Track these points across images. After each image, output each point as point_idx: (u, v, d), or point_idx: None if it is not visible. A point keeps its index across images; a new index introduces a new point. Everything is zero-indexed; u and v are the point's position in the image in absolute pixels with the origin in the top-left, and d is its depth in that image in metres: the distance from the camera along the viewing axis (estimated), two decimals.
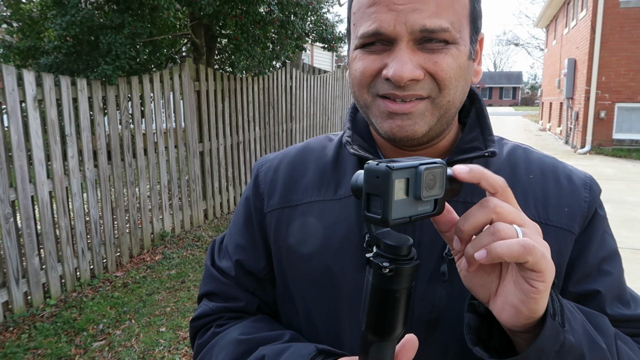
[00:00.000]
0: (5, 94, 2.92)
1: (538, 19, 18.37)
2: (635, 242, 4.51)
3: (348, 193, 0.66)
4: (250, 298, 0.73)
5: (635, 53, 10.46)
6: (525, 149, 0.72)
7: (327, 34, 6.75)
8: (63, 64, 4.62)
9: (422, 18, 0.55)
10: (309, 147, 0.75)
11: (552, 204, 0.65)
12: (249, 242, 0.73)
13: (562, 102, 13.78)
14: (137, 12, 4.66)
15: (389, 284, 0.45)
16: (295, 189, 0.70)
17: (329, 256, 0.65)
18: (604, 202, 0.70)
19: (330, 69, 19.84)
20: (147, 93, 4.18)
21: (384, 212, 0.42)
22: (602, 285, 0.64)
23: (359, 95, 0.62)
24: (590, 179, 0.69)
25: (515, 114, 31.93)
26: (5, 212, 2.95)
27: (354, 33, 0.61)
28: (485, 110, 0.68)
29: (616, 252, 0.69)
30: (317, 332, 0.67)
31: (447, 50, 0.57)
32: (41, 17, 4.90)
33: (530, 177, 0.67)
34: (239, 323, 0.71)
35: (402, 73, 0.55)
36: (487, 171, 0.47)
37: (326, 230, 0.66)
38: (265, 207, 0.72)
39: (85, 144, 3.57)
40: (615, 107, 10.71)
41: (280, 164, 0.74)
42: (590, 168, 8.64)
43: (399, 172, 0.42)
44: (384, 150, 0.68)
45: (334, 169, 0.70)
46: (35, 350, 2.72)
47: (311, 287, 0.67)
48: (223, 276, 0.74)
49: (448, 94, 0.59)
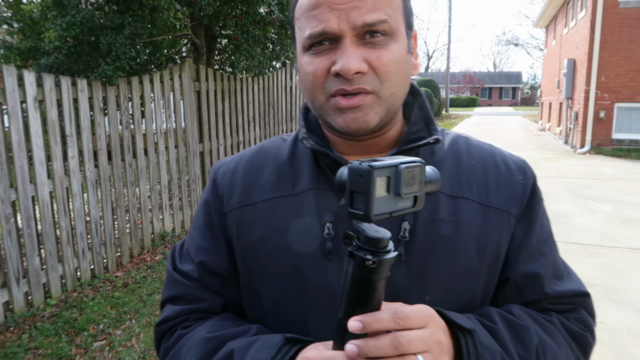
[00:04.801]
0: (6, 94, 2.93)
1: (537, 19, 18.38)
2: (635, 242, 4.51)
3: (305, 188, 0.70)
4: (215, 298, 0.74)
5: (634, 53, 10.46)
6: (465, 137, 0.78)
7: None
8: (63, 64, 4.63)
9: (362, 14, 0.60)
10: (264, 148, 0.78)
11: (492, 187, 0.70)
12: (212, 243, 0.74)
13: (561, 102, 13.79)
14: (137, 13, 4.66)
15: (370, 275, 0.48)
16: (254, 188, 0.73)
17: (293, 249, 0.67)
18: (604, 202, 0.71)
19: None
20: (147, 93, 4.18)
21: (366, 208, 0.45)
22: (542, 267, 0.71)
23: (314, 97, 0.66)
24: (524, 162, 0.75)
25: (514, 114, 31.95)
26: (5, 213, 2.95)
27: (299, 36, 0.65)
28: (427, 104, 0.74)
29: (551, 233, 0.76)
30: (285, 324, 0.69)
31: (387, 46, 0.62)
32: (42, 18, 4.90)
33: (472, 163, 0.72)
34: (205, 323, 0.72)
35: (349, 66, 0.60)
36: (374, 318, 0.49)
37: (288, 224, 0.68)
38: (225, 207, 0.73)
39: (85, 144, 3.58)
40: (615, 107, 10.72)
41: (237, 166, 0.76)
42: (590, 168, 8.65)
43: (380, 170, 0.45)
44: (336, 145, 0.72)
45: (290, 166, 0.73)
46: (36, 350, 2.72)
47: (277, 281, 0.69)
48: (186, 279, 0.74)
49: (390, 87, 0.64)
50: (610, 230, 4.91)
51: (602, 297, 3.34)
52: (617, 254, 4.22)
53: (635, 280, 3.63)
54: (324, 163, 0.70)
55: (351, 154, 0.72)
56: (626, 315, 3.08)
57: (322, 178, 0.70)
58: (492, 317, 0.65)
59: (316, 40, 0.62)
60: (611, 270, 3.84)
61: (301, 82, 0.68)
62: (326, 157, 0.68)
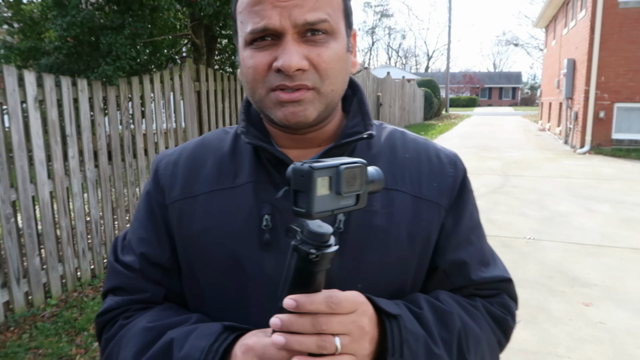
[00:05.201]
0: (6, 94, 2.93)
1: (537, 20, 18.38)
2: (635, 242, 4.52)
3: (246, 180, 0.72)
4: (157, 288, 0.75)
5: (634, 53, 10.47)
6: (402, 131, 0.81)
7: None
8: (64, 64, 4.63)
9: (303, 13, 0.62)
10: (207, 141, 0.79)
11: (425, 179, 0.74)
12: (153, 234, 0.75)
13: (561, 102, 13.79)
14: (137, 13, 4.67)
15: (312, 267, 0.51)
16: (195, 180, 0.74)
17: (232, 240, 0.69)
18: (603, 202, 0.72)
19: None
20: (147, 93, 4.19)
21: (308, 206, 0.48)
22: (469, 255, 0.75)
23: (254, 90, 0.67)
24: (455, 156, 0.79)
25: (514, 114, 31.95)
26: (6, 213, 2.95)
27: (241, 31, 0.66)
28: (365, 100, 0.76)
29: (480, 222, 0.80)
30: (225, 314, 0.70)
31: (327, 44, 0.64)
32: (42, 18, 4.90)
33: (407, 156, 0.75)
34: (146, 313, 0.73)
35: (291, 63, 0.61)
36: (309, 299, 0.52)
37: (228, 216, 0.70)
38: (166, 199, 0.74)
39: (85, 144, 3.58)
40: (615, 107, 10.73)
41: (179, 158, 0.77)
42: (590, 168, 8.65)
43: (321, 171, 0.48)
44: (277, 138, 0.74)
45: (231, 159, 0.74)
46: (36, 350, 2.73)
47: (217, 272, 0.70)
48: (128, 270, 0.75)
49: (330, 84, 0.66)
50: (609, 230, 4.92)
51: (602, 297, 3.35)
52: (617, 254, 4.22)
53: (634, 280, 3.63)
54: (263, 157, 0.72)
55: (291, 147, 0.73)
56: (626, 315, 3.09)
57: (262, 171, 0.72)
58: (419, 303, 0.68)
59: (258, 36, 0.64)
60: (611, 270, 3.85)
61: (242, 75, 0.69)
62: (265, 151, 0.70)
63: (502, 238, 4.70)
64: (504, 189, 6.99)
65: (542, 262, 4.01)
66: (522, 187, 7.12)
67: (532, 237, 4.72)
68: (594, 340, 2.79)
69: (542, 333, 2.87)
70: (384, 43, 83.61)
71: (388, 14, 62.85)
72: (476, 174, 8.30)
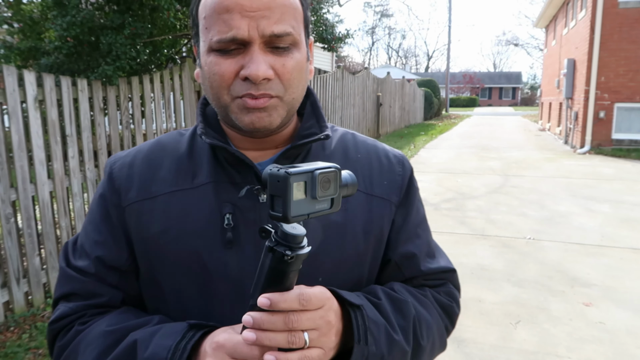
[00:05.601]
0: (6, 94, 2.93)
1: (537, 19, 18.38)
2: (635, 242, 4.52)
3: (205, 181, 0.73)
4: (114, 292, 0.74)
5: (634, 53, 10.47)
6: (352, 133, 0.85)
7: (327, 34, 6.75)
8: (64, 64, 4.63)
9: (270, 25, 0.64)
10: (162, 142, 0.79)
11: (376, 178, 0.79)
12: (109, 237, 0.74)
13: (561, 102, 13.79)
14: (137, 13, 4.67)
15: (287, 268, 0.53)
16: (152, 182, 0.74)
17: (194, 240, 0.70)
18: (603, 202, 0.73)
19: (330, 69, 19.82)
20: (147, 93, 4.19)
21: (284, 210, 0.50)
22: (417, 248, 0.81)
23: (219, 96, 0.68)
24: (402, 156, 0.85)
25: (514, 114, 31.96)
26: (6, 213, 2.95)
27: (205, 36, 0.67)
28: (318, 103, 0.80)
29: (425, 217, 0.86)
30: (187, 314, 0.71)
31: (291, 55, 0.67)
32: (42, 18, 4.90)
33: (359, 157, 0.80)
34: (104, 317, 0.72)
35: (258, 72, 0.64)
36: (282, 297, 0.54)
37: (188, 216, 0.71)
38: (122, 201, 0.74)
39: (85, 144, 3.58)
40: (615, 107, 10.73)
41: (134, 160, 0.77)
42: (590, 168, 8.65)
43: (296, 176, 0.50)
44: (234, 140, 0.76)
45: (189, 160, 0.75)
46: (36, 350, 2.73)
47: (179, 272, 0.71)
48: (81, 275, 0.73)
49: (293, 92, 0.69)
50: (609, 230, 4.92)
51: (602, 297, 3.35)
52: (617, 254, 4.22)
53: (634, 280, 3.63)
54: (222, 157, 0.73)
55: (248, 149, 0.75)
56: (626, 315, 3.09)
57: (221, 171, 0.73)
58: (377, 294, 0.73)
59: (227, 47, 0.65)
60: (611, 270, 3.85)
61: (204, 79, 0.70)
62: (224, 152, 0.72)
63: (502, 238, 4.70)
64: (504, 189, 6.99)
65: (542, 262, 4.01)
66: (522, 187, 7.12)
67: (532, 237, 4.72)
68: (594, 340, 2.79)
69: (542, 333, 2.87)
70: (384, 43, 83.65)
71: (388, 13, 62.88)
72: (476, 174, 8.30)
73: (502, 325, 2.97)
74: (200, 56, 0.70)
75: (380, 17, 61.50)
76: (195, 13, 0.70)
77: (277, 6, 0.65)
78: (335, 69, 10.30)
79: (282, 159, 0.73)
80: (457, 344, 2.75)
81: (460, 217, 5.52)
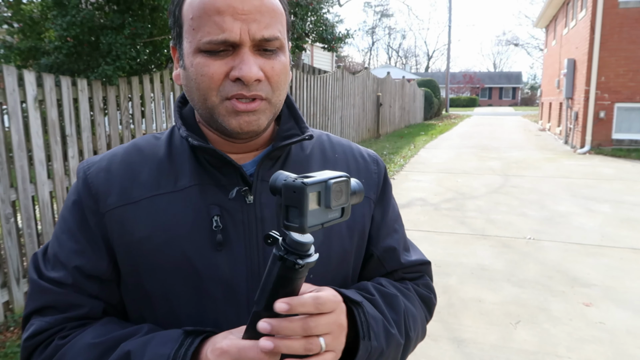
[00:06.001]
0: (6, 94, 2.93)
1: (537, 19, 18.38)
2: (635, 242, 4.52)
3: (189, 184, 0.72)
4: (95, 302, 0.71)
5: (634, 53, 10.46)
6: (327, 134, 0.88)
7: (327, 34, 6.75)
8: (64, 64, 4.62)
9: (261, 29, 0.65)
10: (138, 146, 0.77)
11: (354, 177, 0.78)
12: (87, 245, 0.71)
13: (561, 102, 13.78)
14: (137, 13, 4.66)
15: (295, 275, 0.53)
16: (133, 186, 0.72)
17: (182, 243, 0.69)
18: (603, 202, 0.73)
19: (330, 69, 19.83)
20: (147, 93, 4.19)
21: (301, 221, 0.50)
22: (396, 242, 0.85)
23: (206, 97, 0.67)
24: (376, 155, 0.88)
25: (515, 114, 31.96)
26: (6, 212, 2.95)
27: (192, 37, 0.66)
28: (294, 104, 0.81)
29: (399, 213, 0.90)
30: (177, 319, 0.69)
31: (278, 58, 0.68)
32: (42, 18, 4.90)
33: (336, 157, 0.82)
34: (87, 329, 0.68)
35: (251, 73, 0.64)
36: (300, 302, 0.54)
37: (174, 219, 0.70)
38: (101, 207, 0.71)
39: (85, 144, 3.58)
40: (615, 107, 10.72)
41: (110, 164, 0.75)
42: (590, 168, 8.65)
43: (312, 187, 0.50)
44: (214, 142, 0.75)
45: (169, 163, 0.74)
46: None
47: (167, 276, 0.69)
48: (57, 286, 0.69)
49: (279, 94, 0.70)
50: (610, 230, 4.92)
51: (602, 297, 3.34)
52: (617, 254, 4.22)
53: (634, 280, 3.63)
54: (204, 159, 0.72)
55: (229, 151, 0.75)
56: (626, 315, 3.09)
57: (204, 174, 0.72)
58: (369, 290, 0.75)
59: (217, 48, 0.65)
60: (611, 270, 3.85)
61: (189, 80, 0.68)
62: (208, 154, 0.71)
63: (502, 238, 4.70)
64: (504, 189, 6.99)
65: (542, 262, 4.01)
66: (522, 187, 7.12)
67: (532, 237, 4.72)
68: (594, 340, 2.79)
69: (542, 333, 2.87)
70: (384, 43, 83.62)
71: (388, 13, 62.85)
72: (476, 174, 8.30)
73: (502, 325, 2.97)
74: (185, 57, 0.69)
75: (380, 17, 61.50)
76: (179, 13, 0.69)
77: (267, 10, 0.66)
78: (336, 69, 10.30)
79: (266, 161, 0.74)
80: (457, 344, 2.75)
81: (460, 217, 5.52)
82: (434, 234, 4.86)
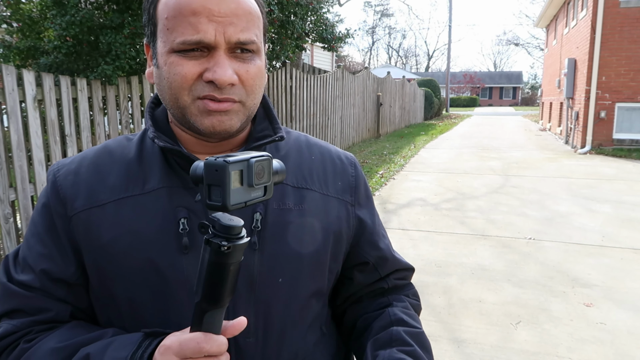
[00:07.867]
0: (5, 94, 2.92)
1: (538, 19, 18.36)
2: (635, 242, 4.51)
3: (157, 186, 0.71)
4: (62, 306, 0.71)
5: (635, 53, 10.45)
6: (305, 136, 0.87)
7: (327, 34, 6.75)
8: (63, 64, 4.62)
9: (237, 32, 0.65)
10: (109, 148, 0.77)
11: (330, 179, 0.81)
12: (55, 249, 0.71)
13: (562, 102, 13.77)
14: (137, 12, 4.66)
15: (225, 259, 0.53)
16: (100, 189, 0.71)
17: (147, 247, 0.68)
18: (604, 202, 0.72)
19: (330, 69, 19.83)
20: (147, 93, 4.18)
21: (224, 199, 0.50)
22: (386, 247, 0.86)
23: (178, 97, 0.67)
24: (353, 158, 0.88)
25: (515, 114, 31.94)
26: (5, 212, 2.94)
27: (167, 37, 0.66)
28: (270, 105, 0.81)
29: (378, 215, 0.90)
30: (143, 323, 0.69)
31: (254, 61, 0.68)
32: (41, 17, 4.89)
33: (313, 158, 0.82)
34: (53, 333, 0.68)
35: (224, 77, 0.64)
36: None
37: (140, 223, 0.69)
38: (68, 211, 0.71)
39: (85, 144, 3.57)
40: (616, 107, 10.71)
41: (79, 167, 0.74)
42: (591, 168, 8.64)
43: (234, 165, 0.51)
44: (186, 143, 0.74)
45: (138, 165, 0.73)
46: None
47: (133, 280, 0.69)
48: (25, 290, 0.70)
49: (254, 98, 0.70)
50: (610, 230, 4.91)
51: (603, 298, 3.33)
52: (618, 254, 4.21)
53: (635, 281, 3.62)
54: (174, 161, 0.72)
55: (201, 153, 0.74)
56: (627, 315, 3.08)
57: (173, 176, 0.72)
58: (404, 340, 0.75)
59: (190, 48, 0.64)
60: (611, 270, 3.84)
61: (161, 79, 0.68)
62: (177, 156, 0.70)
63: (502, 238, 4.69)
64: (505, 189, 6.98)
65: (543, 263, 4.00)
66: (522, 187, 7.11)
67: (532, 237, 4.71)
68: (595, 340, 2.78)
69: (542, 334, 2.86)
70: (384, 43, 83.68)
71: (388, 13, 62.90)
72: (476, 174, 8.29)
73: (503, 325, 2.96)
74: (158, 56, 0.68)
75: (380, 17, 61.52)
76: (153, 12, 0.68)
77: (243, 13, 0.65)
78: (336, 69, 10.29)
79: None
80: (457, 345, 2.74)
81: (461, 217, 5.51)
82: (434, 234, 4.86)
